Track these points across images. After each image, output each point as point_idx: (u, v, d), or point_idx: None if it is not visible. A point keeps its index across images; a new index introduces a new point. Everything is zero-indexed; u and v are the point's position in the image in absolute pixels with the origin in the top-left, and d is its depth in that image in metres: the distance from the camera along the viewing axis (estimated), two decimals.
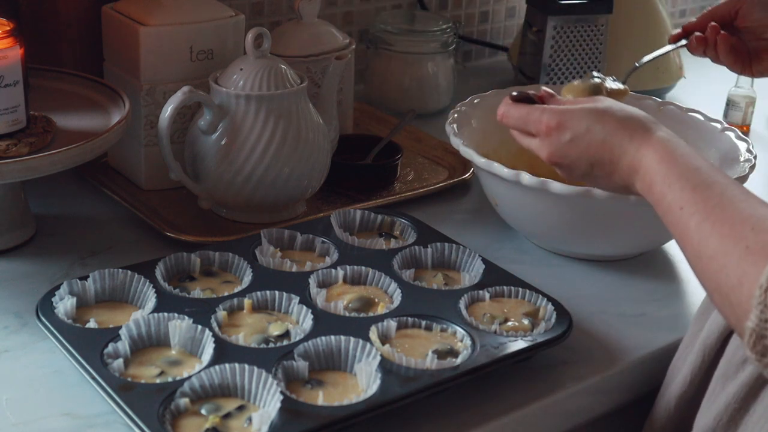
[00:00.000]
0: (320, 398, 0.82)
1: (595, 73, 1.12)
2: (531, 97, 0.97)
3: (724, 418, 0.84)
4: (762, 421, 0.81)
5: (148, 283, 0.96)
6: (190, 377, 0.83)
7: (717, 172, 0.80)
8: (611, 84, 1.12)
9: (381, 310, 0.95)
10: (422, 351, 0.89)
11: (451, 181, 1.28)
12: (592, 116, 0.90)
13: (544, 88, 1.00)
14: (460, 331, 0.92)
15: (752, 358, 0.69)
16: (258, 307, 0.95)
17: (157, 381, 0.84)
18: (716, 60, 1.20)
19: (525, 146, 0.95)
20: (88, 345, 0.87)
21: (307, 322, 0.92)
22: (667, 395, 0.94)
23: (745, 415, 0.83)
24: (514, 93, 0.97)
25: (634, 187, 0.88)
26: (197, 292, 0.96)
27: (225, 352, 0.87)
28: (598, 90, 1.09)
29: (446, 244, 1.06)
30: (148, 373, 0.85)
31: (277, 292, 0.95)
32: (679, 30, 1.24)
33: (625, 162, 0.88)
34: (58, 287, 0.94)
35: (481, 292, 0.98)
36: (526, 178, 1.05)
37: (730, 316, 0.73)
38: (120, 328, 0.88)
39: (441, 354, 0.88)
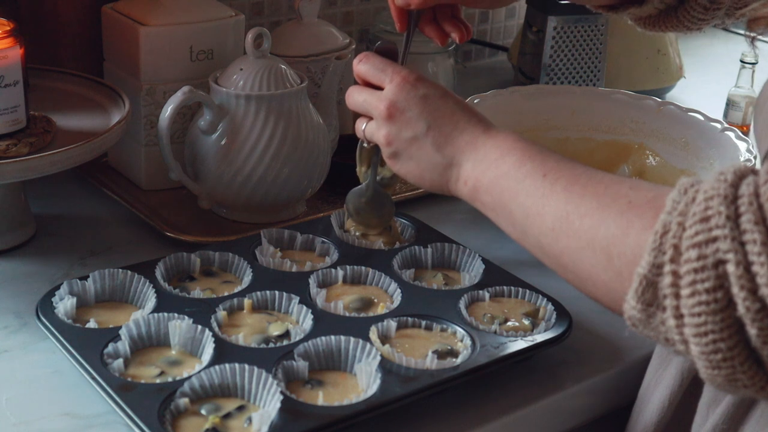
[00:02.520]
0: (320, 398, 0.82)
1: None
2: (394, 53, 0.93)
3: None
4: None
5: (148, 283, 0.96)
6: (190, 377, 0.83)
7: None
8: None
9: (381, 310, 0.95)
10: (422, 351, 0.89)
11: None
12: (452, 94, 0.87)
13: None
14: (460, 331, 0.92)
15: (635, 308, 0.66)
16: (258, 307, 0.95)
17: (157, 381, 0.84)
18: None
19: (363, 96, 0.90)
20: (88, 345, 0.87)
21: (307, 322, 0.92)
22: (642, 421, 0.91)
23: None
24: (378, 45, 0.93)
25: (461, 167, 0.84)
26: (197, 292, 0.96)
27: (225, 352, 0.87)
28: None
29: (446, 244, 1.06)
30: (148, 373, 0.85)
31: (277, 292, 0.95)
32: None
33: (465, 138, 0.84)
34: (58, 287, 0.94)
35: (481, 292, 0.98)
36: None
37: (604, 271, 0.70)
38: (120, 328, 0.88)
39: (441, 354, 0.88)
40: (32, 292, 0.99)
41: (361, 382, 0.85)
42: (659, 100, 1.29)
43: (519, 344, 0.91)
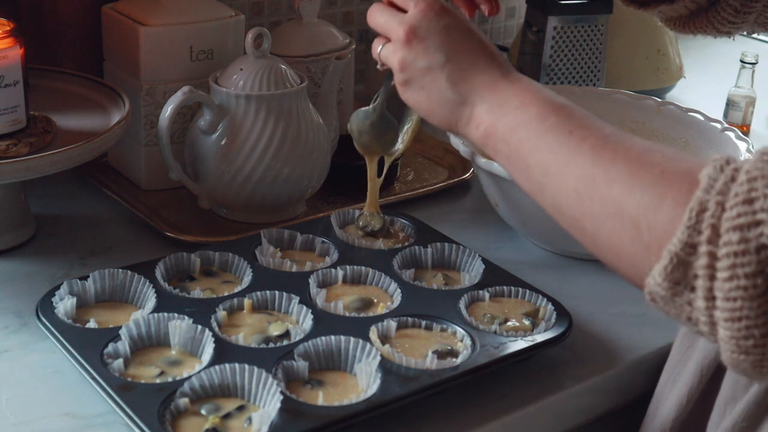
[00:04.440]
0: (320, 398, 0.82)
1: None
2: None
3: None
4: None
5: (148, 283, 0.96)
6: (190, 377, 0.83)
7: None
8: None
9: (381, 310, 0.95)
10: (422, 351, 0.89)
11: (451, 181, 1.28)
12: (478, 30, 0.83)
13: None
14: (460, 331, 0.92)
15: (660, 285, 0.63)
16: (258, 307, 0.95)
17: (157, 381, 0.84)
18: None
19: (384, 17, 0.87)
20: (88, 345, 0.87)
21: (307, 322, 0.92)
22: (659, 418, 0.90)
23: None
24: None
25: (474, 108, 0.80)
26: (197, 292, 0.96)
27: (225, 352, 0.87)
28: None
29: (446, 244, 1.06)
30: (148, 373, 0.85)
31: (277, 292, 0.95)
32: None
33: (483, 78, 0.80)
34: (58, 287, 0.94)
35: (481, 292, 0.98)
36: None
37: (631, 242, 0.66)
38: (120, 328, 0.88)
39: (441, 354, 0.88)
40: (32, 292, 0.99)
41: (361, 382, 0.85)
42: (659, 100, 1.29)
43: (519, 344, 0.91)
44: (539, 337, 0.92)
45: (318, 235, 1.07)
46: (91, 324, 0.90)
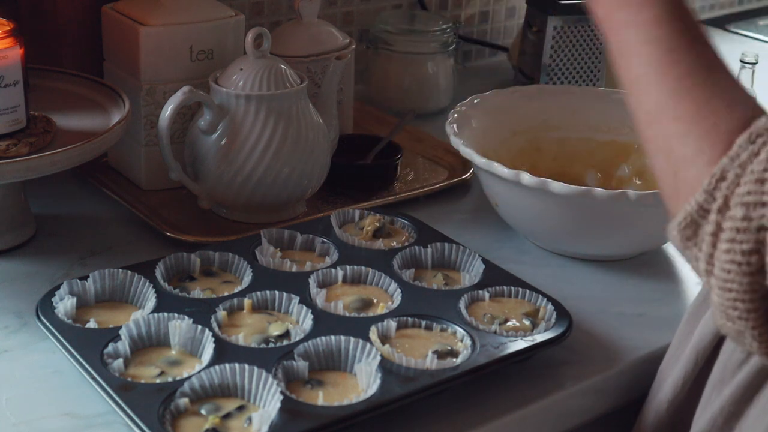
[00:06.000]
0: (320, 398, 0.82)
1: None
2: None
3: (719, 420, 0.83)
4: (757, 424, 0.80)
5: (148, 283, 0.96)
6: (190, 377, 0.83)
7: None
8: None
9: (381, 310, 0.95)
10: (422, 351, 0.89)
11: (451, 181, 1.28)
12: None
13: None
14: (460, 331, 0.92)
15: (674, 237, 0.67)
16: (258, 307, 0.95)
17: (157, 381, 0.84)
18: None
19: None
20: (88, 345, 0.87)
21: (307, 322, 0.92)
22: (656, 401, 0.92)
23: (740, 417, 0.82)
24: None
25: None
26: (197, 292, 0.96)
27: (225, 352, 0.87)
28: None
29: (446, 244, 1.06)
30: (148, 373, 0.85)
31: (277, 292, 0.95)
32: None
33: None
34: (58, 287, 0.94)
35: (481, 292, 0.98)
36: (526, 178, 1.05)
37: (668, 183, 0.70)
38: (120, 328, 0.88)
39: (441, 354, 0.88)
40: (32, 292, 0.99)
41: (361, 382, 0.85)
42: None
43: (519, 344, 0.91)
44: (539, 337, 0.92)
45: (318, 235, 1.07)
46: (91, 324, 0.90)
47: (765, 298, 0.63)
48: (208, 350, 0.87)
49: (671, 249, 1.17)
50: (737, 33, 2.00)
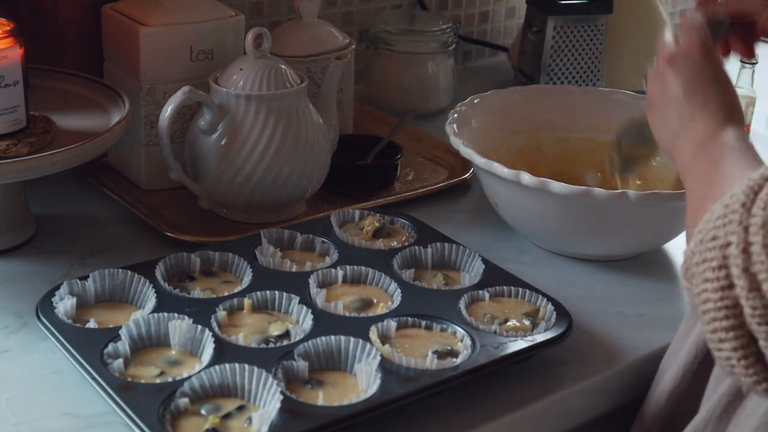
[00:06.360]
0: (320, 398, 0.82)
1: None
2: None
3: (717, 410, 0.85)
4: (753, 414, 0.82)
5: (148, 283, 0.96)
6: (190, 377, 0.83)
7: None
8: None
9: (381, 310, 0.95)
10: (422, 351, 0.89)
11: (451, 181, 1.28)
12: (728, 79, 0.88)
13: None
14: (460, 331, 0.92)
15: (683, 276, 0.72)
16: (258, 307, 0.95)
17: (157, 381, 0.84)
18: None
19: (665, 39, 0.93)
20: (88, 345, 0.87)
21: (307, 322, 0.92)
22: (657, 391, 0.94)
23: (738, 407, 0.84)
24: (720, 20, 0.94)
25: (689, 135, 0.85)
26: (197, 292, 0.96)
27: (225, 352, 0.87)
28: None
29: (446, 244, 1.06)
30: (148, 373, 0.85)
31: (277, 292, 0.95)
32: None
33: (701, 126, 0.85)
34: (58, 287, 0.94)
35: (481, 292, 0.98)
36: (526, 178, 1.05)
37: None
38: (120, 328, 0.88)
39: (441, 354, 0.88)
40: (32, 292, 0.99)
41: (361, 382, 0.85)
42: None
43: (519, 344, 0.91)
44: (539, 337, 0.92)
45: (318, 235, 1.07)
46: (91, 324, 0.90)
47: (741, 316, 0.65)
48: (208, 350, 0.87)
49: (671, 249, 1.17)
50: None
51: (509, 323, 0.94)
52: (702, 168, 0.81)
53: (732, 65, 1.58)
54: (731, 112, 0.85)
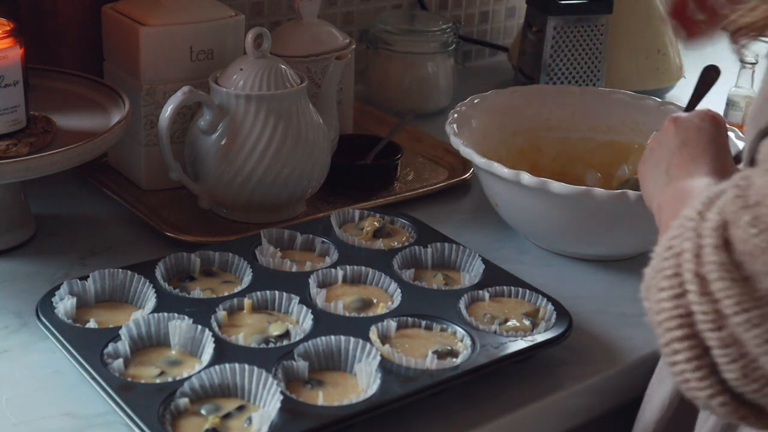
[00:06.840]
0: (320, 398, 0.82)
1: None
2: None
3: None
4: None
5: (148, 283, 0.96)
6: (190, 377, 0.83)
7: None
8: None
9: (381, 310, 0.95)
10: (422, 351, 0.89)
11: (451, 181, 1.28)
12: (726, 142, 0.89)
13: None
14: (460, 331, 0.92)
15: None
16: (258, 307, 0.95)
17: (157, 381, 0.84)
18: None
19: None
20: (88, 345, 0.87)
21: (307, 322, 0.92)
22: (644, 419, 0.93)
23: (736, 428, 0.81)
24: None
25: (672, 181, 0.86)
26: (197, 292, 0.96)
27: (225, 352, 0.87)
28: None
29: (446, 244, 1.06)
30: (148, 373, 0.85)
31: (277, 292, 0.95)
32: None
33: (688, 179, 0.86)
34: (58, 287, 0.94)
35: (481, 292, 0.98)
36: (526, 178, 1.05)
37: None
38: (120, 328, 0.88)
39: (441, 354, 0.88)
40: (32, 292, 0.99)
41: (361, 382, 0.85)
42: (659, 100, 1.29)
43: (519, 344, 0.91)
44: (539, 337, 0.92)
45: (318, 235, 1.07)
46: (91, 324, 0.90)
47: (697, 335, 0.63)
48: (208, 350, 0.87)
49: None
50: None
51: (509, 323, 0.94)
52: (677, 206, 0.80)
53: (732, 65, 1.59)
54: (722, 172, 0.85)
